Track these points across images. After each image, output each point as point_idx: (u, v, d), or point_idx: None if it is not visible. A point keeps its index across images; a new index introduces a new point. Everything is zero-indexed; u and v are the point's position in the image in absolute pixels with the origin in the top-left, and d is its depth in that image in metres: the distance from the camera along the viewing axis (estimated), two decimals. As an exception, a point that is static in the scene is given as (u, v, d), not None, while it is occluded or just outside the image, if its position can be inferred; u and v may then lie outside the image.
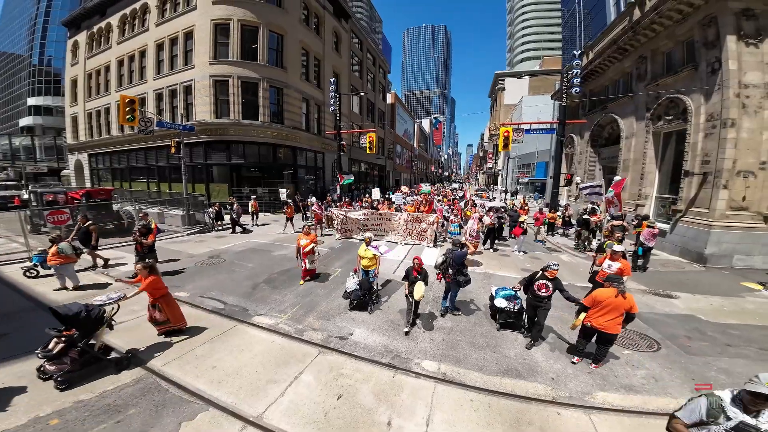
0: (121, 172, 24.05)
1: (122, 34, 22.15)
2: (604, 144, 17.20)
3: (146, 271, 5.04)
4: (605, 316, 4.19)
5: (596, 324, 4.25)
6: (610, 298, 4.18)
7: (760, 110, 9.08)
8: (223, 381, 4.10)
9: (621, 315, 4.17)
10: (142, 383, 4.01)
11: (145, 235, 7.92)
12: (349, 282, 6.38)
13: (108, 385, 3.92)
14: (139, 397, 3.75)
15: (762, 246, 9.21)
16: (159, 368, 4.33)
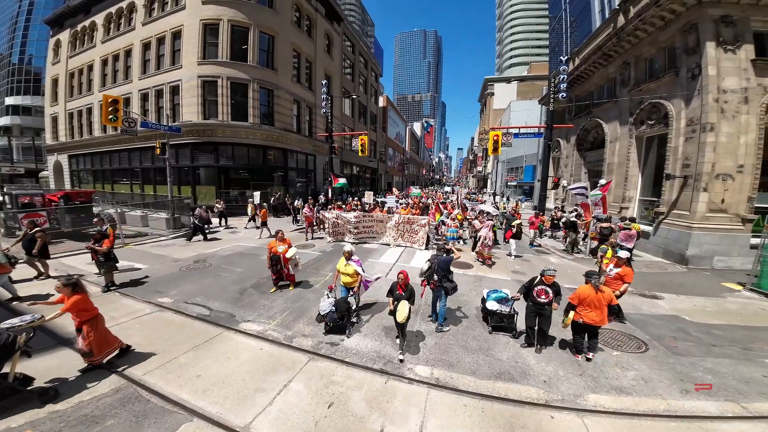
0: (103, 173, 23.27)
1: (107, 33, 21.56)
2: (589, 148, 17.64)
3: (68, 289, 4.17)
4: (592, 312, 4.54)
5: (587, 320, 4.58)
6: (591, 295, 4.54)
7: (737, 115, 9.45)
8: (209, 390, 3.94)
9: (605, 308, 4.58)
10: (122, 393, 3.83)
11: (99, 242, 7.29)
12: (323, 302, 5.59)
13: (85, 396, 3.74)
14: (118, 407, 3.58)
15: (740, 247, 9.55)
16: (140, 377, 4.15)
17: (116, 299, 6.97)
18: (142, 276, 8.45)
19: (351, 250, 6.11)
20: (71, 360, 4.46)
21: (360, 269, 5.96)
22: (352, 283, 5.96)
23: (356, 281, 5.96)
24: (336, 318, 5.35)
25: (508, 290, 5.93)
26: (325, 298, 5.70)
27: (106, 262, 7.31)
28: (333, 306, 5.44)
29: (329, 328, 5.44)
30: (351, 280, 5.97)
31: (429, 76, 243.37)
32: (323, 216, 13.23)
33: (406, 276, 5.02)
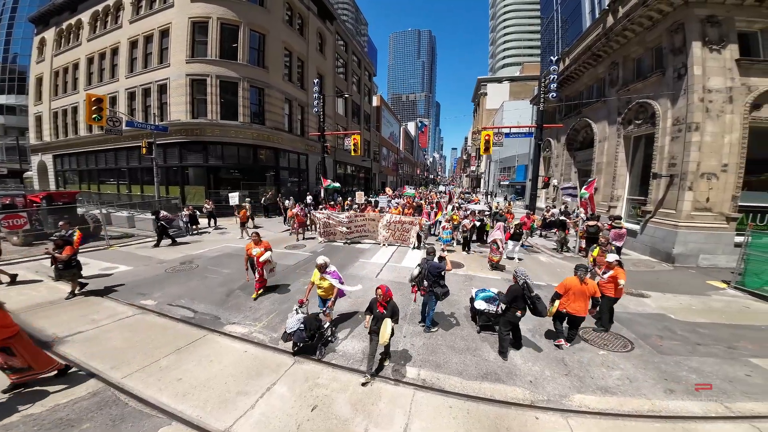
0: (89, 173, 22.72)
1: (93, 31, 21.09)
2: (579, 147, 17.82)
3: None
4: (576, 303, 4.85)
5: (570, 310, 4.90)
6: (576, 286, 4.84)
7: (722, 114, 9.60)
8: (189, 393, 3.87)
9: (588, 300, 4.89)
10: (99, 396, 3.76)
11: (61, 248, 6.66)
12: (290, 319, 4.83)
13: (61, 399, 3.67)
14: (94, 411, 3.52)
15: (725, 246, 9.71)
16: (118, 381, 4.05)
17: (98, 302, 6.79)
18: (125, 278, 8.25)
19: (325, 262, 5.35)
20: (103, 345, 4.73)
21: (336, 282, 5.28)
22: (328, 295, 5.40)
23: (332, 293, 5.39)
24: (305, 337, 4.70)
25: (497, 289, 5.89)
26: (293, 314, 4.90)
27: (66, 270, 6.76)
28: (302, 323, 4.74)
29: (298, 348, 4.78)
30: (326, 293, 5.43)
31: (423, 75, 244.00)
32: (314, 216, 13.10)
33: (386, 292, 4.38)
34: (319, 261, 5.39)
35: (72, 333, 5.31)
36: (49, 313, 6.09)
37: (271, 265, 7.12)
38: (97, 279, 8.10)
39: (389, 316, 4.26)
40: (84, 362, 4.46)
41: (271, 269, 7.18)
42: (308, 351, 4.79)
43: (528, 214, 13.13)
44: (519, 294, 4.65)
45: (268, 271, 7.10)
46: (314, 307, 5.60)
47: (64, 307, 6.39)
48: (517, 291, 4.66)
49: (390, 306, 4.39)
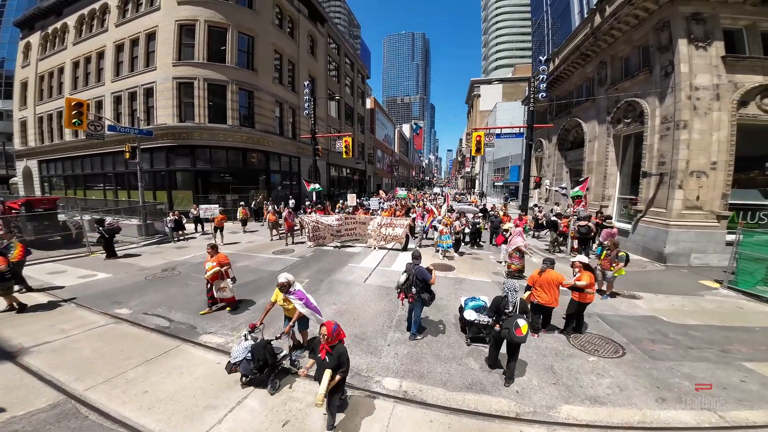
0: (75, 179, 22.26)
1: (79, 35, 20.77)
2: (570, 147, 17.81)
3: None
4: (542, 293, 5.16)
5: (540, 300, 5.19)
6: (536, 278, 5.26)
7: (709, 112, 9.56)
8: (154, 407, 3.69)
9: (555, 290, 5.12)
10: (59, 409, 3.63)
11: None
12: (235, 347, 4.13)
13: (18, 411, 3.56)
14: (52, 423, 3.40)
15: (716, 244, 9.63)
16: (80, 393, 3.90)
17: (70, 311, 6.60)
18: (103, 285, 8.00)
19: (288, 281, 4.47)
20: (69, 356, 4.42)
21: (300, 305, 4.38)
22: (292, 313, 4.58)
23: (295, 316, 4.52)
24: (252, 369, 3.93)
25: (487, 297, 5.53)
26: (241, 341, 4.17)
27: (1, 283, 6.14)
28: (249, 352, 3.97)
29: (246, 381, 4.03)
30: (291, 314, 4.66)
31: (417, 78, 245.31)
32: (302, 220, 12.86)
33: (334, 331, 3.29)
34: (280, 279, 4.46)
35: (39, 343, 5.15)
36: (19, 322, 5.92)
37: (223, 283, 6.18)
38: (72, 288, 7.83)
39: (332, 367, 3.19)
40: (47, 373, 4.33)
41: (222, 288, 6.20)
42: (258, 385, 4.04)
43: (520, 216, 12.88)
44: (499, 303, 4.26)
45: (218, 290, 6.20)
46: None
47: (35, 316, 6.20)
48: (497, 303, 4.28)
49: (336, 352, 3.25)
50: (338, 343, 3.38)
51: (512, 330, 3.92)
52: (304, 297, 4.53)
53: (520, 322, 3.94)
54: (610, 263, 6.95)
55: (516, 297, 4.17)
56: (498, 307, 4.26)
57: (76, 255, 11.15)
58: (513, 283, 4.33)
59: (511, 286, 4.26)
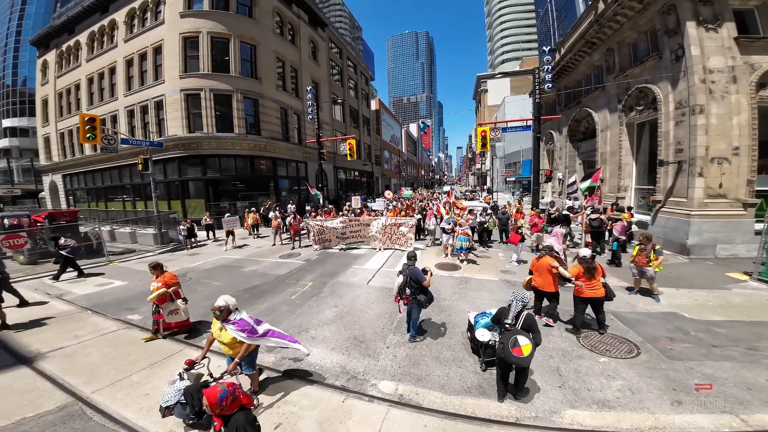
0: (97, 191, 23.29)
1: (91, 51, 21.70)
2: (581, 138, 17.18)
3: None
4: (539, 278, 5.41)
5: (535, 283, 5.47)
6: (535, 263, 5.52)
7: (726, 95, 8.98)
8: (153, 409, 3.73)
9: (548, 274, 5.26)
10: (66, 411, 3.78)
11: None
12: (168, 390, 3.35)
13: (29, 412, 3.73)
14: (58, 425, 3.54)
15: (744, 234, 9.00)
16: (88, 395, 4.05)
17: (85, 317, 6.86)
18: (118, 293, 8.31)
19: (227, 305, 3.59)
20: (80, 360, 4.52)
21: (243, 336, 3.52)
22: (236, 353, 3.67)
23: (239, 349, 3.61)
24: (189, 414, 3.22)
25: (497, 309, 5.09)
26: (175, 380, 3.43)
27: None
28: (182, 395, 3.25)
29: (190, 423, 3.27)
30: (232, 351, 3.72)
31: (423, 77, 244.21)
32: (308, 224, 12.93)
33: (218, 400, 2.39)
34: (218, 302, 3.59)
35: (54, 348, 5.39)
36: (38, 329, 6.21)
37: (173, 305, 5.53)
38: (89, 295, 8.17)
39: None
40: (59, 377, 4.54)
41: (174, 311, 5.53)
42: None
43: (539, 214, 11.50)
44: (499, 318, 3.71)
45: (170, 312, 5.49)
46: None
47: (51, 323, 6.49)
48: (499, 314, 3.76)
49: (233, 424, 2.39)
50: (238, 413, 2.42)
51: (507, 346, 3.22)
52: (247, 325, 3.59)
53: (521, 339, 3.23)
54: (646, 259, 6.40)
55: (523, 308, 3.56)
56: (499, 317, 3.77)
57: (96, 264, 11.64)
58: (524, 293, 3.74)
59: (519, 296, 3.68)
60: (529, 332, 3.39)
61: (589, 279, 5.04)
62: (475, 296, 7.19)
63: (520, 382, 3.52)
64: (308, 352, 4.39)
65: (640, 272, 6.60)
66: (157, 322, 5.60)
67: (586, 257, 5.18)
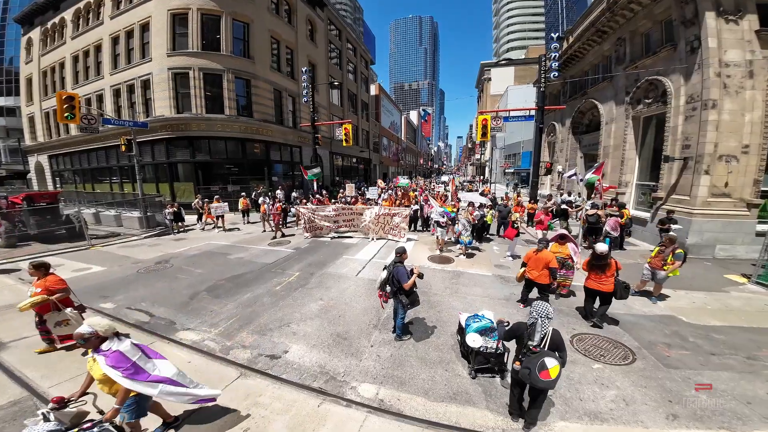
0: (83, 173, 22.59)
1: (76, 28, 20.62)
2: (584, 131, 16.69)
3: None
4: (534, 270, 5.51)
5: (530, 276, 5.57)
6: (532, 256, 5.61)
7: (741, 90, 8.53)
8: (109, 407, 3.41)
9: (545, 268, 5.42)
10: (18, 406, 3.59)
11: None
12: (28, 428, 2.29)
13: None
14: (8, 421, 3.37)
15: (745, 235, 8.75)
16: (44, 390, 3.82)
17: None
18: (95, 279, 7.95)
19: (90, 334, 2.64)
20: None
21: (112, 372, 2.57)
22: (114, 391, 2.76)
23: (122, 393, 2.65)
24: None
25: (492, 313, 4.43)
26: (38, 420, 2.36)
27: None
28: None
29: None
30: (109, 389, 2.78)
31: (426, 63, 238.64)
32: (298, 211, 12.52)
33: None
34: (81, 329, 2.65)
35: (17, 338, 5.11)
36: (4, 317, 5.85)
37: (60, 315, 4.49)
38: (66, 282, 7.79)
39: None
40: (17, 369, 4.28)
41: (63, 321, 4.50)
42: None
43: (547, 210, 10.44)
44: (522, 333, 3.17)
45: (57, 324, 4.49)
46: None
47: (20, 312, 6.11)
48: (516, 331, 3.25)
49: None
50: None
51: (534, 371, 2.83)
52: (124, 363, 2.61)
53: (549, 362, 2.82)
54: (662, 262, 6.00)
55: (547, 326, 3.01)
56: (517, 335, 3.24)
57: (76, 248, 11.24)
58: (545, 307, 3.05)
59: (542, 311, 3.02)
60: (556, 351, 2.98)
61: (599, 274, 5.14)
62: (467, 292, 6.92)
63: (538, 400, 3.13)
64: (217, 396, 3.33)
65: (652, 274, 6.21)
66: (47, 332, 4.60)
67: (602, 253, 5.13)
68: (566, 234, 6.58)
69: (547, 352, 2.93)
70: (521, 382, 3.14)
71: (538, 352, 2.93)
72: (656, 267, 6.13)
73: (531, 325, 3.09)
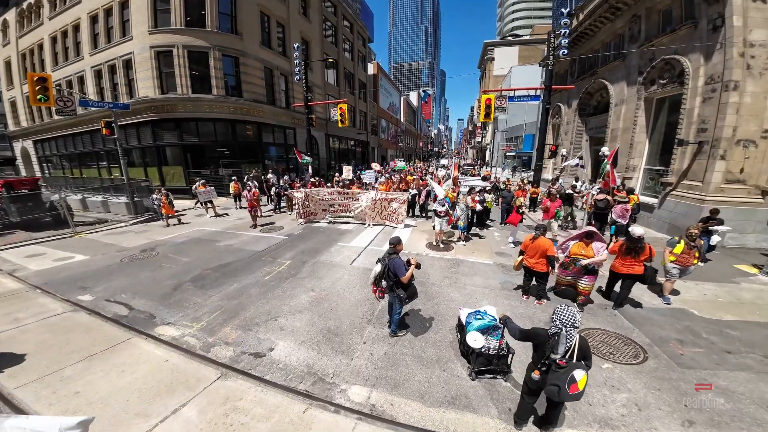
0: (70, 158, 21.80)
1: (53, 8, 19.33)
2: (591, 113, 15.96)
3: None
4: (531, 258, 5.33)
5: (528, 263, 5.40)
6: (529, 244, 5.36)
7: (765, 72, 7.94)
8: (80, 411, 3.26)
9: (542, 256, 5.19)
10: None
11: None
12: None
13: None
14: None
15: (756, 223, 8.36)
16: (9, 391, 3.54)
17: (32, 297, 6.15)
18: (77, 268, 7.58)
19: None
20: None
21: None
22: None
23: None
24: None
25: (495, 308, 4.02)
26: None
27: None
28: None
29: None
30: None
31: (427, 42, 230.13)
32: (291, 195, 12.01)
33: None
34: None
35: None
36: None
37: None
38: (44, 271, 7.41)
39: None
40: None
41: None
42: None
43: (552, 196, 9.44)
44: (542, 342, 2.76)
45: None
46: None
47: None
48: (540, 338, 2.80)
49: None
50: None
51: (564, 387, 2.47)
52: None
53: (578, 374, 2.46)
54: (694, 258, 5.35)
55: (573, 335, 2.61)
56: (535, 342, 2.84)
57: (60, 236, 10.80)
58: (571, 313, 2.61)
59: (567, 319, 2.59)
60: (583, 359, 2.61)
61: (634, 258, 5.06)
62: (467, 282, 6.58)
63: (556, 413, 2.85)
64: None
65: (682, 272, 5.43)
66: None
67: (640, 236, 5.04)
68: (594, 231, 5.34)
69: (576, 363, 2.53)
70: (536, 392, 2.82)
71: (566, 366, 2.52)
72: (686, 264, 5.36)
73: (553, 335, 2.65)
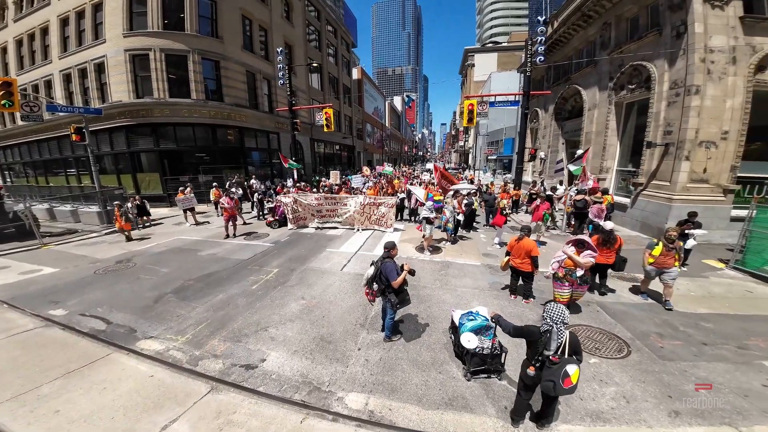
0: (35, 165, 20.43)
1: (20, 10, 18.35)
2: (567, 117, 16.73)
3: None
4: (517, 258, 5.55)
5: (514, 263, 5.62)
6: (514, 244, 5.58)
7: (724, 76, 8.59)
8: (62, 430, 3.07)
9: (527, 256, 5.39)
10: None
11: None
12: None
13: None
14: None
15: (720, 220, 9.00)
16: None
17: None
18: (46, 282, 7.13)
19: None
20: None
21: None
22: None
23: None
24: None
25: (486, 308, 4.10)
26: None
27: None
28: None
29: None
30: None
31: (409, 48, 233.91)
32: (279, 201, 11.80)
33: None
34: None
35: None
36: None
37: None
38: (11, 285, 6.94)
39: None
40: None
41: None
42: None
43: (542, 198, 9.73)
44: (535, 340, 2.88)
45: None
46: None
47: None
48: (533, 335, 2.91)
49: None
50: None
51: (559, 382, 2.60)
52: None
53: (570, 369, 2.60)
54: (673, 260, 5.31)
55: (564, 332, 2.74)
56: (529, 339, 2.95)
57: (26, 248, 10.11)
58: (560, 310, 2.74)
59: (557, 316, 2.72)
60: (574, 354, 2.76)
61: (608, 249, 5.58)
62: (457, 284, 6.68)
63: (551, 408, 2.96)
64: None
65: (659, 274, 5.42)
66: None
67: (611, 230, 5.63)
68: (586, 240, 5.06)
69: (568, 359, 2.68)
70: (531, 388, 2.94)
71: (559, 362, 2.66)
72: (668, 266, 5.30)
73: (545, 332, 2.77)
